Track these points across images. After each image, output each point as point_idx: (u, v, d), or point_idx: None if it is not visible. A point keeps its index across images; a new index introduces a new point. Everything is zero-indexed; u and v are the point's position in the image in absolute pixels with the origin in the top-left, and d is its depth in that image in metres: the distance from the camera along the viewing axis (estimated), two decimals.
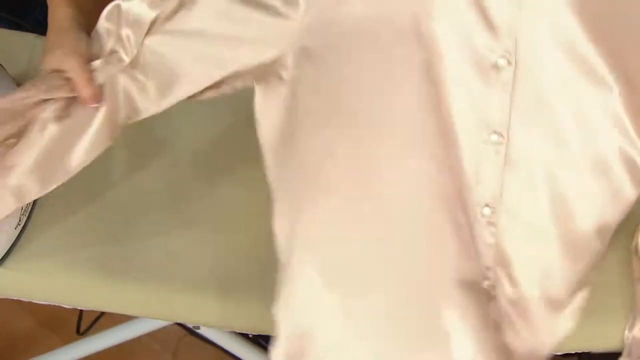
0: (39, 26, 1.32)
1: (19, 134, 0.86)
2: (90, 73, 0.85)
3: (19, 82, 1.03)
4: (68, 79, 0.85)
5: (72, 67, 0.84)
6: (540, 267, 0.88)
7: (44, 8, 1.33)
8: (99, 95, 0.85)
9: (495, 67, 0.83)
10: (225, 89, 0.91)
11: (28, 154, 0.85)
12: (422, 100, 0.84)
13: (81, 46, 0.86)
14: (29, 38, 1.13)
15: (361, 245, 0.84)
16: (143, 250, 0.99)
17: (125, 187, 1.02)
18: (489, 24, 0.83)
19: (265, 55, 0.87)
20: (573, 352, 0.98)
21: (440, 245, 0.84)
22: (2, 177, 0.85)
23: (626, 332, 0.95)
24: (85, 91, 0.84)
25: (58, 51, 0.85)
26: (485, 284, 0.86)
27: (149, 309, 1.01)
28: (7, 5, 1.30)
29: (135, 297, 0.98)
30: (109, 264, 0.97)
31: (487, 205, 0.85)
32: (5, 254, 0.96)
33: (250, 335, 1.51)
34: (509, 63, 0.83)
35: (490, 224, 0.86)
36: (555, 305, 0.89)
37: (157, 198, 1.03)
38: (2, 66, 1.00)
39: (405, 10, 0.84)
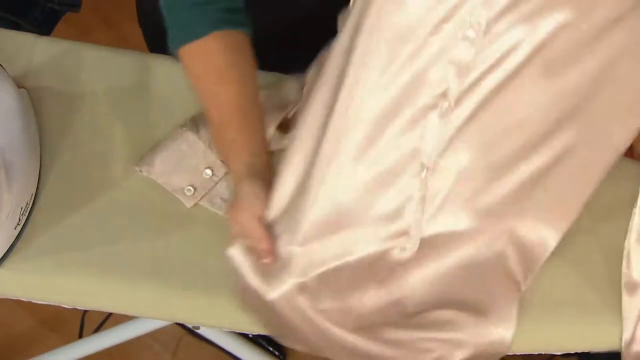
0: (39, 26, 1.32)
1: None
2: (264, 230, 0.90)
3: (18, 83, 1.03)
4: None
5: (248, 226, 0.90)
6: None
7: (44, 8, 1.33)
8: (273, 254, 0.90)
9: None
10: None
11: None
12: None
13: (255, 203, 0.90)
14: (29, 38, 1.12)
15: None
16: (143, 251, 0.99)
17: (125, 187, 1.02)
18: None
19: None
20: (573, 352, 0.98)
21: None
22: None
23: (623, 348, 0.95)
24: (260, 247, 0.90)
25: (239, 211, 0.91)
26: None
27: (149, 309, 1.01)
28: (7, 5, 1.30)
29: (135, 298, 0.98)
30: (109, 264, 0.97)
31: None
32: (5, 254, 0.96)
33: (250, 335, 1.51)
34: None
35: None
36: None
37: (156, 198, 1.03)
38: (1, 66, 1.00)
39: None
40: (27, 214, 0.98)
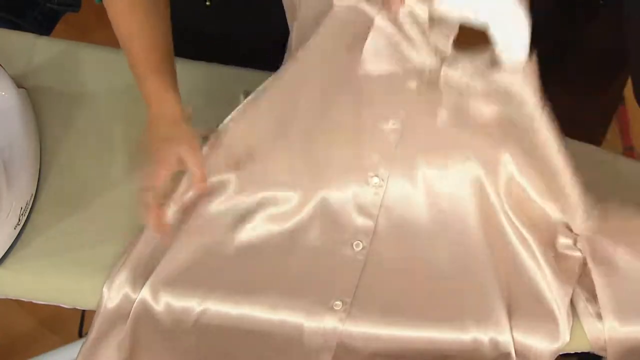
0: (39, 26, 1.32)
1: None
2: (205, 169, 0.94)
3: (18, 83, 1.03)
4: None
5: (192, 162, 0.93)
6: None
7: (43, 8, 1.33)
8: (205, 180, 0.94)
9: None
10: None
11: None
12: None
13: (195, 141, 0.94)
14: (28, 38, 1.13)
15: None
16: None
17: (124, 187, 1.02)
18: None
19: None
20: (573, 352, 0.98)
21: None
22: None
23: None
24: (201, 186, 0.94)
25: (179, 146, 0.93)
26: None
27: None
28: (7, 5, 1.30)
29: None
30: (108, 264, 0.97)
31: None
32: (5, 254, 0.96)
33: None
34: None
35: None
36: None
37: None
38: (1, 66, 1.00)
39: None
40: (27, 214, 0.98)
